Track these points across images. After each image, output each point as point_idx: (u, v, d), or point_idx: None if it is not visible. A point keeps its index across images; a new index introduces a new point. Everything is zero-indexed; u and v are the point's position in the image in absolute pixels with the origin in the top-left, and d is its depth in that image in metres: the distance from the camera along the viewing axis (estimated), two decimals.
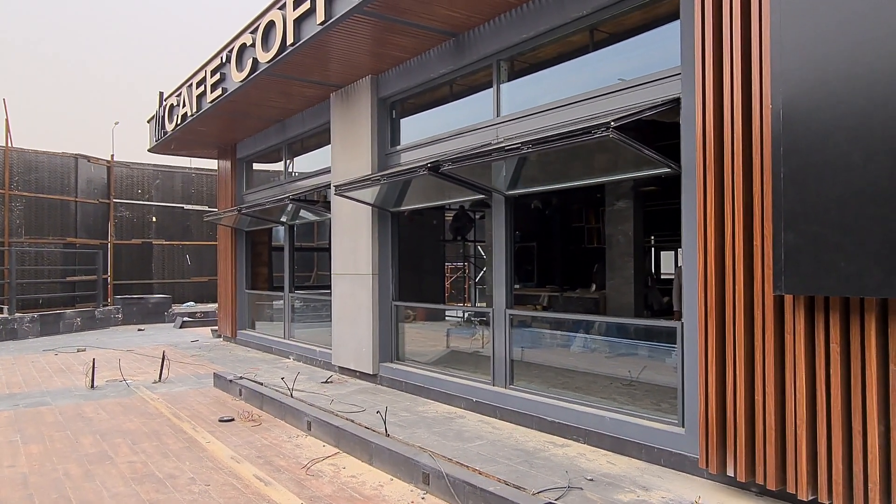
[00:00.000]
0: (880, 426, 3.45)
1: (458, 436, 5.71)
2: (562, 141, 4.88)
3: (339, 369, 9.05)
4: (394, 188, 8.11)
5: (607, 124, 4.41)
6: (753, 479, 4.07)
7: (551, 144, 5.02)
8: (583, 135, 4.65)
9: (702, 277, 4.35)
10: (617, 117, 4.54)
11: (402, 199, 8.30)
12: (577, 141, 4.76)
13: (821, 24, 3.54)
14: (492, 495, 4.07)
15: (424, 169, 6.18)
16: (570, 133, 4.82)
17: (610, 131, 4.40)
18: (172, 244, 20.54)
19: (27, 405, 7.49)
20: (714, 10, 4.28)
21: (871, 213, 3.32)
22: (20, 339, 14.30)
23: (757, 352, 4.03)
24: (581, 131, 4.67)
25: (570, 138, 4.81)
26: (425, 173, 6.20)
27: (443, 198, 7.94)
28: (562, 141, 4.88)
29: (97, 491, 4.64)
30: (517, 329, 6.68)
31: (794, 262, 3.65)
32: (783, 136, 3.70)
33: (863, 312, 3.53)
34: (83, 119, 64.16)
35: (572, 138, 4.78)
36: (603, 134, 4.44)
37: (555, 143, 4.97)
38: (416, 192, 8.14)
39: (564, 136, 4.85)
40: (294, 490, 4.61)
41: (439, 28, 6.78)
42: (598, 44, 6.04)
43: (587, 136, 4.60)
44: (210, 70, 9.72)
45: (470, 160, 5.92)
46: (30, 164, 16.67)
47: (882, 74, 3.27)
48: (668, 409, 5.19)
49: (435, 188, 7.73)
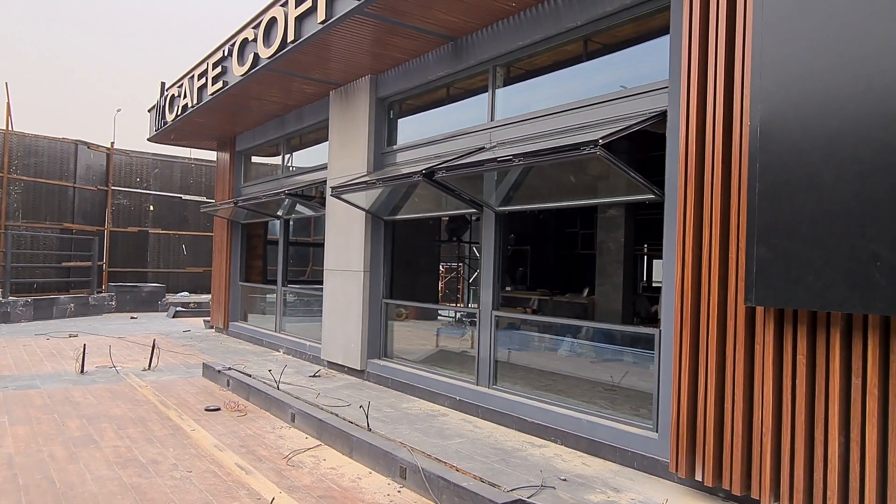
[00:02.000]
0: (840, 437, 3.57)
1: (439, 433, 5.81)
2: (552, 155, 5.02)
3: (327, 364, 9.16)
4: (388, 197, 8.24)
5: (595, 142, 4.53)
6: (720, 484, 4.19)
7: (541, 158, 5.17)
8: (571, 150, 4.77)
9: (679, 286, 4.47)
10: (605, 135, 4.64)
11: (395, 209, 8.42)
12: (566, 156, 4.89)
13: (799, 47, 3.66)
14: (465, 491, 4.18)
15: (419, 175, 6.29)
16: (559, 148, 4.93)
17: (598, 149, 4.52)
18: (169, 234, 20.61)
19: (16, 388, 7.57)
20: (700, 27, 4.40)
21: (838, 231, 3.43)
22: (13, 322, 14.37)
23: (728, 361, 4.15)
24: (570, 147, 4.79)
25: (559, 153, 4.93)
26: (420, 179, 6.32)
27: (435, 209, 8.08)
28: (552, 155, 5.02)
29: (80, 473, 4.73)
30: (504, 331, 6.79)
31: (766, 276, 3.77)
32: (760, 153, 3.82)
33: (829, 326, 3.65)
34: (84, 106, 64.18)
35: (561, 153, 4.90)
36: (590, 151, 4.57)
37: (545, 157, 5.12)
38: (409, 202, 8.28)
39: (554, 151, 4.98)
40: (273, 479, 4.72)
41: (438, 32, 6.89)
42: (592, 54, 6.16)
43: (575, 153, 4.73)
44: (212, 63, 9.82)
45: (464, 169, 6.03)
46: (29, 148, 16.74)
47: (853, 99, 3.40)
48: (645, 415, 5.30)
49: (428, 198, 7.88)
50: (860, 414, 3.51)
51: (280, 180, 11.49)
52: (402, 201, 8.36)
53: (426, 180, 6.30)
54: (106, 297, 17.41)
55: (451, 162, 6.29)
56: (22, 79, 60.91)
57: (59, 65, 68.96)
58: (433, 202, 7.92)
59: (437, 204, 7.80)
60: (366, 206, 8.28)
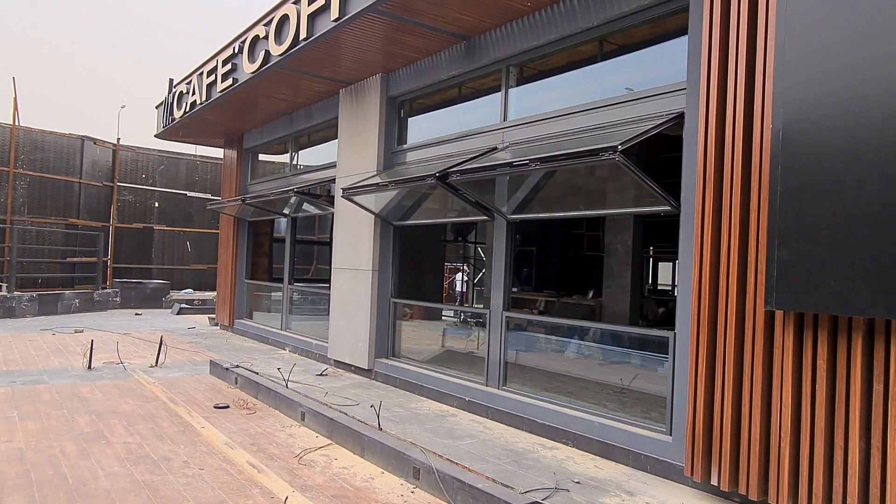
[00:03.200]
0: (861, 442, 3.54)
1: (449, 433, 5.79)
2: (569, 160, 4.99)
3: (334, 363, 9.14)
4: (398, 202, 8.25)
5: (614, 148, 4.50)
6: (736, 489, 4.16)
7: (559, 163, 5.13)
8: (590, 156, 4.74)
9: (696, 289, 4.44)
10: (624, 140, 4.61)
11: (404, 215, 8.43)
12: (585, 161, 4.86)
13: (823, 48, 3.63)
14: (480, 492, 4.16)
15: (433, 178, 6.27)
16: (577, 153, 4.90)
17: (617, 155, 4.49)
18: (174, 230, 20.62)
19: (24, 382, 7.57)
20: (721, 29, 4.37)
21: (861, 235, 3.41)
22: (18, 317, 14.37)
23: (746, 364, 4.12)
24: (588, 152, 4.76)
25: (577, 158, 4.91)
26: (434, 182, 6.29)
27: (445, 215, 8.06)
28: (569, 160, 4.99)
29: (92, 469, 4.72)
30: (513, 332, 6.77)
31: (786, 279, 3.74)
32: (781, 156, 3.79)
33: (850, 331, 3.62)
34: (91, 102, 64.20)
35: (580, 158, 4.87)
36: (610, 157, 4.54)
37: (563, 162, 5.08)
38: (419, 209, 8.33)
39: (572, 156, 4.95)
40: (286, 478, 4.70)
41: (451, 31, 6.87)
42: (607, 55, 6.13)
43: (594, 158, 4.70)
44: (222, 60, 9.80)
45: (479, 172, 6.00)
46: (36, 143, 16.75)
47: (879, 100, 3.37)
48: (656, 418, 5.28)
49: (438, 203, 7.88)
50: (882, 420, 3.48)
51: (288, 178, 11.47)
52: (411, 208, 8.36)
53: (440, 183, 6.28)
54: (110, 293, 17.41)
55: (466, 164, 6.26)
56: (30, 72, 60.95)
57: (68, 59, 69.01)
58: (443, 208, 7.91)
59: (448, 210, 7.80)
60: (375, 209, 8.26)
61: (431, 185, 6.40)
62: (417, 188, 6.95)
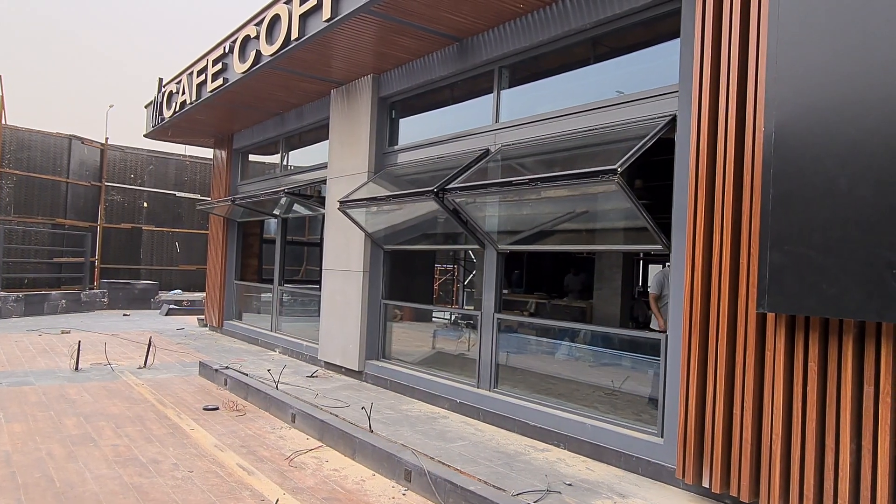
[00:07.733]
0: (852, 444, 3.56)
1: (440, 435, 5.77)
2: (568, 180, 5.01)
3: (324, 364, 9.09)
4: (388, 226, 8.33)
5: (614, 170, 4.51)
6: (728, 490, 4.17)
7: (557, 182, 5.15)
8: (588, 177, 4.76)
9: (688, 292, 4.45)
10: (621, 161, 4.61)
11: (395, 236, 8.50)
12: (583, 181, 4.87)
13: (816, 52, 3.65)
14: (472, 494, 4.14)
15: (430, 194, 6.27)
16: (576, 174, 4.90)
17: (616, 177, 4.50)
18: (162, 231, 20.46)
19: (10, 384, 7.47)
20: (713, 31, 4.39)
21: (853, 238, 3.43)
22: (3, 318, 14.20)
23: (738, 367, 4.13)
24: (587, 174, 4.77)
25: (575, 178, 4.91)
26: (431, 198, 6.30)
27: (437, 242, 8.16)
28: (568, 180, 5.01)
29: (80, 472, 4.66)
30: (504, 334, 6.76)
31: (778, 282, 3.75)
32: (774, 159, 3.80)
33: (841, 334, 3.64)
34: (79, 101, 63.64)
35: (578, 179, 4.89)
36: (608, 179, 4.55)
37: (560, 182, 5.11)
38: (410, 236, 8.46)
39: (571, 177, 4.96)
40: (277, 480, 4.66)
41: (443, 32, 6.86)
42: (600, 57, 6.15)
43: (592, 179, 4.73)
44: (212, 59, 9.74)
45: (476, 190, 6.03)
46: (23, 142, 16.57)
47: (871, 105, 3.39)
48: (647, 420, 5.28)
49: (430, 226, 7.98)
50: (872, 422, 3.50)
51: (278, 179, 11.41)
52: (403, 233, 8.45)
53: (436, 199, 6.28)
54: (98, 293, 17.24)
55: (462, 180, 6.26)
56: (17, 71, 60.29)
57: (56, 58, 68.37)
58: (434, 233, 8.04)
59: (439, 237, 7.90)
60: (370, 229, 8.28)
61: (426, 200, 6.45)
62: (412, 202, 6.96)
